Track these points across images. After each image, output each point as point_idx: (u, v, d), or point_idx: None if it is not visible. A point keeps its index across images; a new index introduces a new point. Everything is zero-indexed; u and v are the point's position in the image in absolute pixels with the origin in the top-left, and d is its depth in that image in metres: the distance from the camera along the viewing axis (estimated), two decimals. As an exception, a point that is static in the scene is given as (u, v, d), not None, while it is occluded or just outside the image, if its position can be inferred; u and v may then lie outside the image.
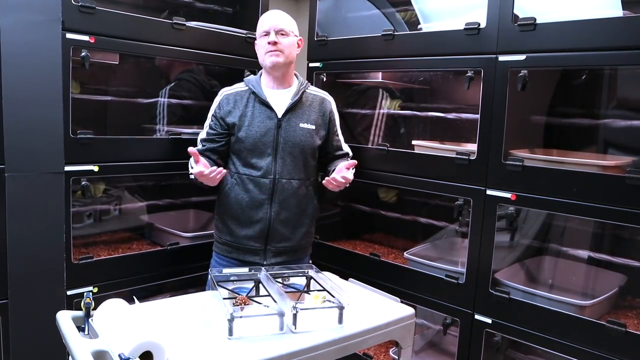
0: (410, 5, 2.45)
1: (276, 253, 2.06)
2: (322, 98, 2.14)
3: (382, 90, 2.62)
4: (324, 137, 2.12)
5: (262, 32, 2.01)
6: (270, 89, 2.06)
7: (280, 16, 2.03)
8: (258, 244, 2.04)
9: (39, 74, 1.82)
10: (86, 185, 2.02)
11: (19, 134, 1.79)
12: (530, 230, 2.18)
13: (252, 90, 2.03)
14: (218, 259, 2.13)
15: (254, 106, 2.02)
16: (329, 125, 2.14)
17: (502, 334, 1.96)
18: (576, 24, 1.74)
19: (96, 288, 2.06)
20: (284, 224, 2.04)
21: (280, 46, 1.98)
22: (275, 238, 2.04)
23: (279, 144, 2.00)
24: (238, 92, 2.06)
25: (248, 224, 2.03)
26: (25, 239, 1.84)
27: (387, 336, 1.56)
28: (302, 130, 2.03)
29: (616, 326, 1.68)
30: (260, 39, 2.03)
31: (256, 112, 2.01)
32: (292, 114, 2.03)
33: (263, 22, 2.03)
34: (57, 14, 1.83)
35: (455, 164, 2.05)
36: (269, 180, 2.00)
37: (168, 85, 2.47)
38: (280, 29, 1.99)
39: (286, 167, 2.01)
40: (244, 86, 2.07)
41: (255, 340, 1.35)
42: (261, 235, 2.03)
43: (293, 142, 2.02)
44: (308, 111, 2.07)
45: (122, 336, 1.22)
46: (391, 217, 2.56)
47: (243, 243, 2.05)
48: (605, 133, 2.04)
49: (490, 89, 1.93)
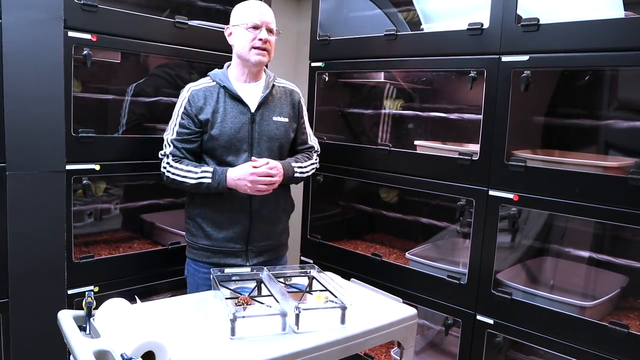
0: (412, 6, 2.45)
1: (258, 253, 1.99)
2: (290, 89, 2.07)
3: (383, 90, 2.62)
4: (295, 130, 2.07)
5: (250, 24, 1.89)
6: (241, 82, 1.96)
7: (270, 13, 1.95)
8: (239, 245, 1.95)
9: (41, 72, 1.81)
10: (87, 184, 2.02)
11: (21, 133, 1.79)
12: (532, 231, 2.18)
13: (222, 85, 1.93)
14: (195, 265, 2.00)
15: (225, 101, 1.92)
16: (298, 117, 2.08)
17: (503, 335, 1.96)
18: (579, 25, 1.74)
19: (97, 287, 2.06)
20: (264, 222, 1.97)
21: (269, 45, 1.91)
22: (256, 237, 1.97)
23: (254, 139, 1.92)
24: (206, 87, 1.94)
25: (227, 225, 1.94)
26: (26, 237, 1.84)
27: (389, 336, 1.56)
28: (276, 124, 1.97)
29: (618, 327, 1.67)
30: (246, 30, 1.89)
31: (228, 107, 1.91)
32: (265, 108, 1.95)
33: (252, 13, 1.90)
34: (59, 12, 1.82)
35: (457, 165, 2.04)
36: None
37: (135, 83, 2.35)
38: (271, 27, 1.92)
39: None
40: (210, 81, 1.95)
41: (258, 341, 1.35)
42: (242, 235, 1.95)
43: (268, 136, 1.95)
44: (280, 104, 2.00)
45: (124, 336, 1.21)
46: (392, 217, 2.55)
47: (223, 246, 1.95)
48: (608, 134, 2.03)
49: (493, 89, 1.92)
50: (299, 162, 2.03)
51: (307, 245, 2.67)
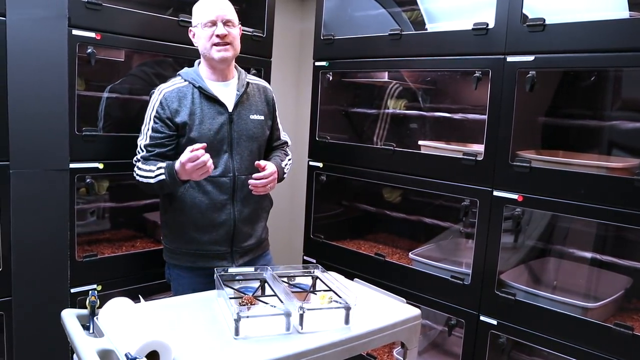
0: (416, 5, 2.44)
1: (243, 253, 1.98)
2: (263, 86, 2.05)
3: (387, 90, 2.61)
4: (270, 127, 2.06)
5: (206, 21, 1.84)
6: (213, 82, 1.92)
7: (226, 5, 1.89)
8: (224, 247, 1.93)
9: (45, 71, 1.81)
10: (91, 182, 2.02)
11: (24, 131, 1.79)
12: (536, 232, 2.17)
13: (195, 85, 1.88)
14: (179, 271, 1.96)
15: (202, 102, 1.87)
16: (273, 114, 2.07)
17: (507, 336, 1.95)
18: (585, 25, 1.73)
19: (100, 286, 2.05)
20: (246, 222, 1.96)
21: (229, 38, 1.85)
22: (240, 238, 1.95)
23: (233, 139, 1.90)
24: (179, 88, 1.88)
25: (210, 228, 1.90)
26: (29, 235, 1.84)
27: (393, 337, 1.56)
28: (254, 122, 1.95)
29: (623, 329, 1.67)
30: (204, 28, 1.85)
31: (205, 108, 1.87)
32: (242, 107, 1.93)
33: (206, 10, 1.86)
34: (63, 10, 1.82)
35: (462, 165, 2.04)
36: (229, 179, 1.89)
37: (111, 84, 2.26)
38: (228, 19, 1.86)
39: (244, 163, 1.92)
40: (182, 81, 1.90)
41: (262, 340, 1.34)
42: (226, 237, 1.92)
43: (247, 135, 1.93)
44: (254, 102, 1.98)
45: (128, 335, 1.21)
46: (396, 217, 2.55)
47: (207, 249, 1.91)
48: (613, 135, 2.03)
49: (498, 89, 1.92)
50: (283, 161, 2.04)
51: (310, 245, 2.67)
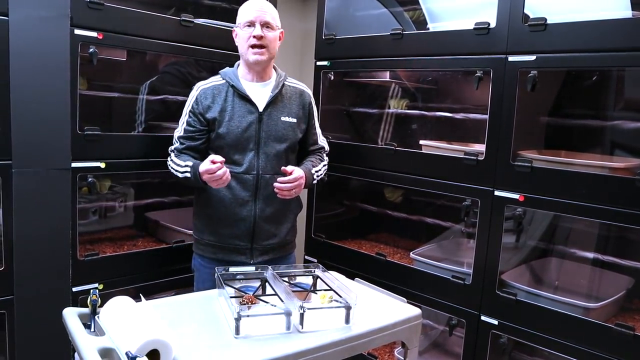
0: (418, 5, 2.44)
1: (263, 251, 2.00)
2: (301, 90, 2.07)
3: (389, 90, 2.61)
4: (304, 131, 2.07)
5: (245, 22, 1.90)
6: (249, 82, 1.98)
7: (266, 6, 1.93)
8: (244, 242, 1.97)
9: (47, 70, 1.82)
10: (92, 181, 2.02)
11: (27, 130, 1.79)
12: (537, 232, 2.17)
13: (231, 84, 1.94)
14: (202, 260, 2.04)
15: (234, 100, 1.93)
16: (309, 117, 2.08)
17: (508, 336, 1.95)
18: (587, 25, 1.73)
19: (101, 285, 2.06)
20: (268, 221, 1.98)
21: (265, 41, 1.89)
22: (261, 236, 1.98)
23: (261, 139, 1.93)
24: (215, 85, 1.96)
25: (232, 222, 1.96)
26: (31, 234, 1.84)
27: (394, 336, 1.56)
28: (284, 124, 1.97)
29: (624, 329, 1.66)
30: (243, 29, 1.91)
31: (236, 106, 1.93)
32: (273, 108, 1.96)
33: (247, 11, 1.91)
34: (65, 9, 1.83)
35: (463, 165, 2.04)
36: (252, 177, 1.93)
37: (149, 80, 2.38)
38: (266, 21, 1.89)
39: (269, 162, 1.95)
40: (220, 79, 1.98)
41: (262, 340, 1.34)
42: (246, 233, 1.96)
43: (275, 135, 1.95)
44: (289, 104, 2.00)
45: (129, 334, 1.21)
46: (397, 217, 2.55)
47: (228, 242, 1.98)
48: (614, 135, 2.02)
49: (500, 89, 1.92)
50: (315, 167, 2.05)
51: (311, 245, 2.67)
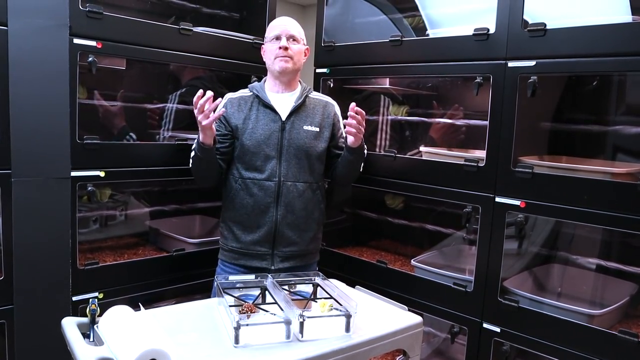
0: (417, 11, 2.44)
1: (284, 258, 2.05)
2: (325, 102, 2.16)
3: (389, 96, 2.61)
4: (328, 139, 2.12)
5: (272, 37, 2.05)
6: (274, 93, 2.08)
7: (291, 22, 2.08)
8: (265, 248, 2.03)
9: (46, 79, 1.82)
10: (92, 190, 2.02)
11: (26, 139, 1.79)
12: (539, 238, 2.16)
13: (256, 95, 2.06)
14: (224, 266, 2.12)
15: (258, 109, 2.04)
16: (334, 127, 2.14)
17: (510, 343, 1.94)
18: (587, 30, 1.72)
19: (102, 294, 2.05)
20: (290, 228, 2.03)
21: (291, 52, 2.02)
22: (282, 242, 2.03)
23: (283, 147, 2.01)
24: (242, 96, 2.09)
25: (254, 228, 2.02)
26: (31, 243, 1.84)
27: (394, 345, 1.54)
28: (306, 133, 2.04)
29: (628, 336, 1.65)
30: (270, 43, 2.06)
31: (260, 115, 2.03)
32: (296, 117, 2.04)
33: (274, 27, 2.07)
34: (64, 19, 1.83)
35: (463, 171, 2.03)
36: (274, 183, 1.99)
37: (178, 91, 2.47)
38: (291, 34, 2.04)
39: (291, 170, 2.01)
40: (248, 92, 2.10)
41: (262, 349, 1.33)
42: (267, 239, 2.02)
43: (297, 144, 2.02)
44: (312, 114, 2.08)
45: (127, 343, 1.21)
46: (398, 224, 2.54)
47: (250, 248, 2.04)
48: (616, 140, 2.02)
49: (500, 95, 1.91)
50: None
51: (312, 252, 2.65)
